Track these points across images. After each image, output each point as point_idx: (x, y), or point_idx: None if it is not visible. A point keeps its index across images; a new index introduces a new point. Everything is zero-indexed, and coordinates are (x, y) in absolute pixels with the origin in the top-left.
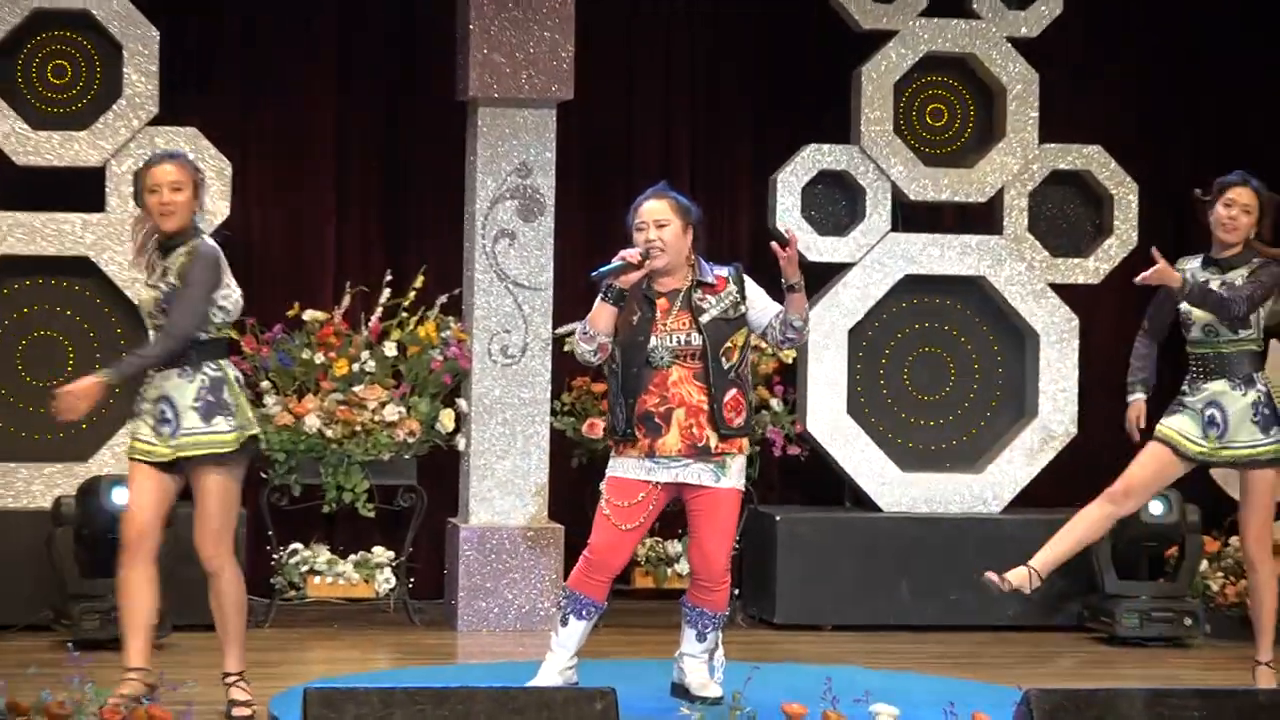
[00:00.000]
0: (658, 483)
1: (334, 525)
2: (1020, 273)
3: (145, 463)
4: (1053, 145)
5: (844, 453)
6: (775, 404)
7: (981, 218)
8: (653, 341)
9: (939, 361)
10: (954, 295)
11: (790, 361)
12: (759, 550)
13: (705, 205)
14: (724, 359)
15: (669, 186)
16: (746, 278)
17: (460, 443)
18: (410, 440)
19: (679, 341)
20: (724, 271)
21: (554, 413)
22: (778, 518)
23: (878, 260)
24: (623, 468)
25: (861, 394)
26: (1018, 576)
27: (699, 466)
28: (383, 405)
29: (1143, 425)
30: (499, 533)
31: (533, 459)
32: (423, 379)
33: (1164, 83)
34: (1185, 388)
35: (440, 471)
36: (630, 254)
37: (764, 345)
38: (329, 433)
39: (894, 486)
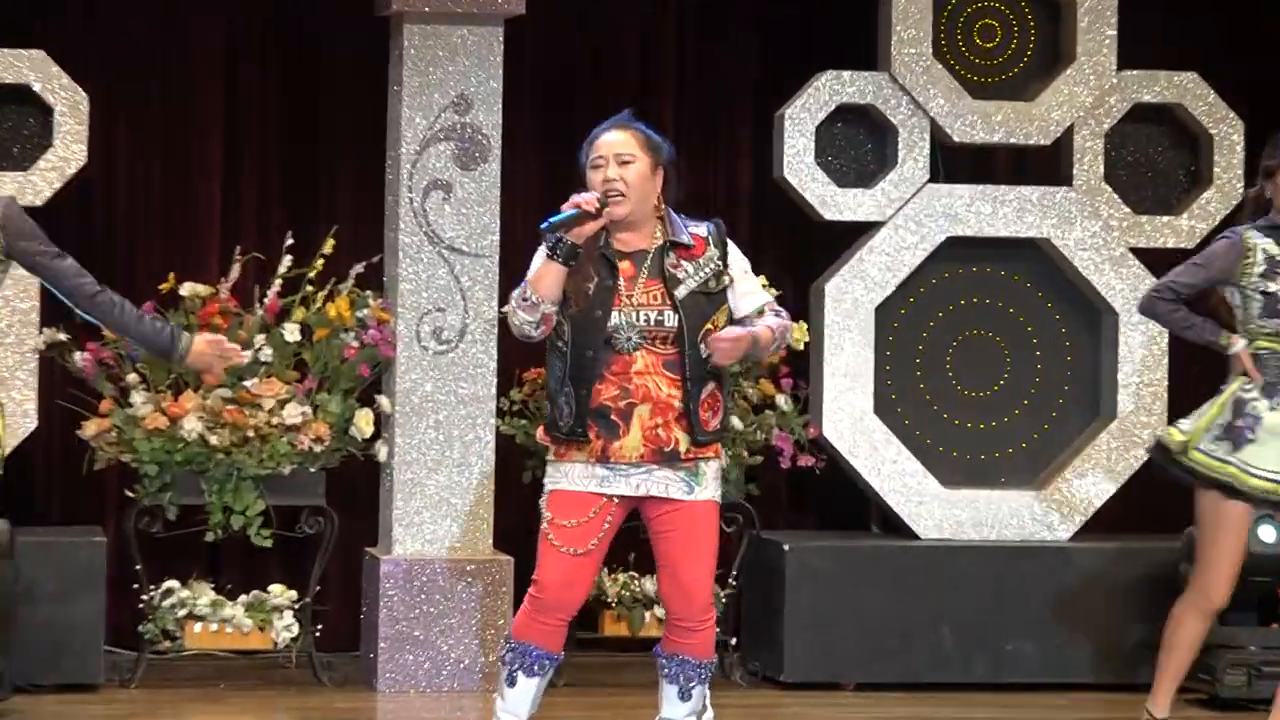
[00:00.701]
0: (613, 496)
1: (220, 558)
2: (1095, 234)
3: None
4: (1135, 72)
5: (870, 464)
6: (783, 402)
7: (1045, 164)
8: (615, 318)
9: (991, 347)
10: (1010, 263)
11: (802, 348)
12: (762, 588)
13: (697, 149)
14: (702, 346)
15: (634, 116)
16: (730, 242)
17: (381, 452)
18: (317, 449)
19: (649, 320)
20: (702, 229)
21: (500, 413)
22: (786, 547)
23: (913, 218)
24: (568, 478)
25: (892, 389)
26: None
27: (665, 474)
28: (282, 404)
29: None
30: (430, 567)
31: (474, 472)
32: (333, 370)
33: None
34: (1256, 394)
35: (355, 489)
36: (585, 199)
37: None
38: (213, 439)
39: (934, 506)
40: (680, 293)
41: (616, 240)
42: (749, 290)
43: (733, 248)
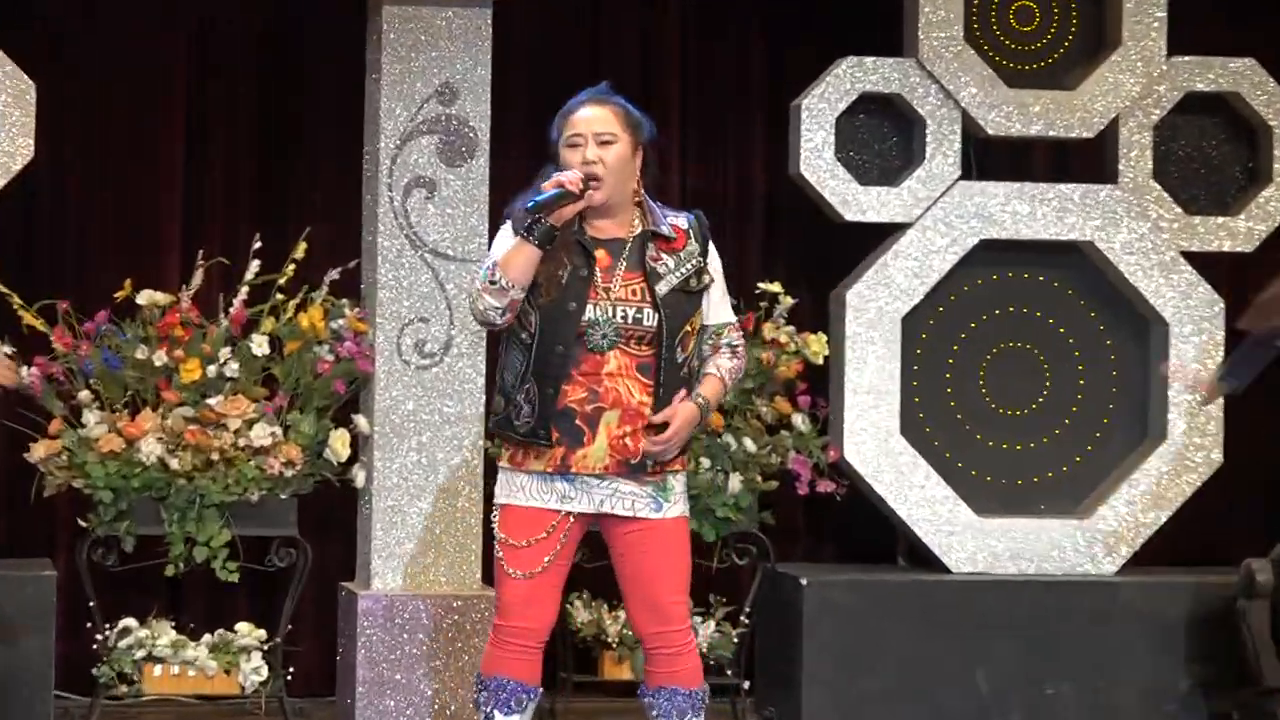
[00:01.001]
0: (571, 513)
1: (181, 593)
2: (1142, 236)
3: None
4: (1187, 58)
5: (896, 489)
6: (800, 422)
7: (1088, 160)
8: (590, 312)
9: (1029, 361)
10: (1049, 268)
11: (821, 361)
12: (778, 626)
13: (704, 142)
14: (679, 348)
15: (613, 89)
16: (709, 239)
17: (358, 477)
18: (288, 474)
19: (626, 317)
20: (681, 221)
21: (490, 435)
22: (804, 582)
23: (942, 219)
24: (524, 490)
25: (921, 407)
26: None
27: (631, 489)
28: (249, 425)
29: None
30: (413, 603)
31: (461, 499)
32: (306, 387)
33: None
34: None
35: (331, 518)
36: (570, 178)
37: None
38: (174, 463)
39: (966, 537)
40: (661, 289)
41: (591, 227)
42: (719, 300)
43: (712, 245)
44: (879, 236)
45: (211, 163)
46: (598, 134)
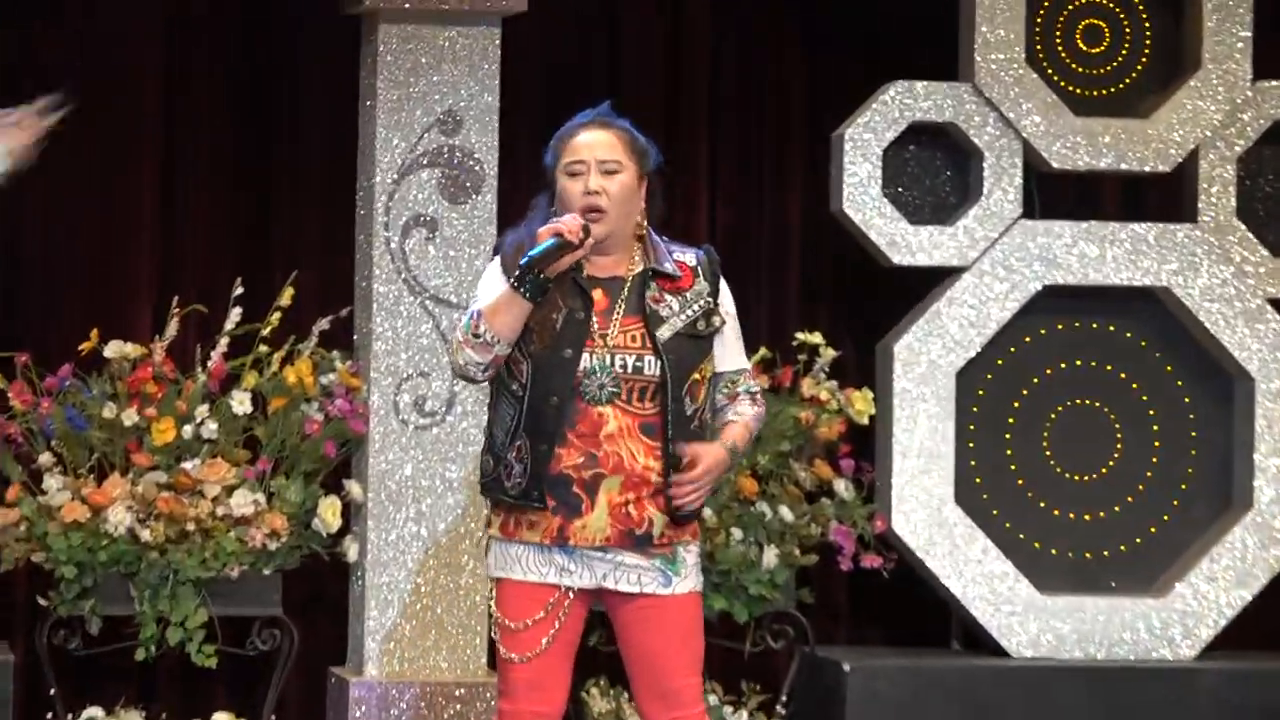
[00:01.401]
0: (570, 589)
1: (154, 680)
2: (1225, 282)
3: None
4: (1275, 83)
5: (950, 564)
6: (843, 488)
7: (1164, 196)
8: (586, 361)
9: (1098, 421)
10: (1121, 317)
11: (866, 421)
12: (818, 717)
13: (736, 175)
14: (687, 400)
15: (614, 111)
16: (721, 277)
17: (350, 550)
18: (273, 546)
19: (626, 367)
20: (689, 257)
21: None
22: (847, 667)
23: (1002, 263)
24: (519, 562)
25: (978, 472)
26: None
27: (637, 562)
28: (229, 491)
29: None
30: (411, 690)
31: (464, 574)
32: (292, 450)
33: None
34: None
35: (319, 595)
36: (569, 226)
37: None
38: (145, 534)
39: (1028, 617)
40: (663, 334)
41: (588, 264)
42: (733, 344)
43: (724, 284)
44: (931, 282)
45: (188, 197)
46: (601, 161)
